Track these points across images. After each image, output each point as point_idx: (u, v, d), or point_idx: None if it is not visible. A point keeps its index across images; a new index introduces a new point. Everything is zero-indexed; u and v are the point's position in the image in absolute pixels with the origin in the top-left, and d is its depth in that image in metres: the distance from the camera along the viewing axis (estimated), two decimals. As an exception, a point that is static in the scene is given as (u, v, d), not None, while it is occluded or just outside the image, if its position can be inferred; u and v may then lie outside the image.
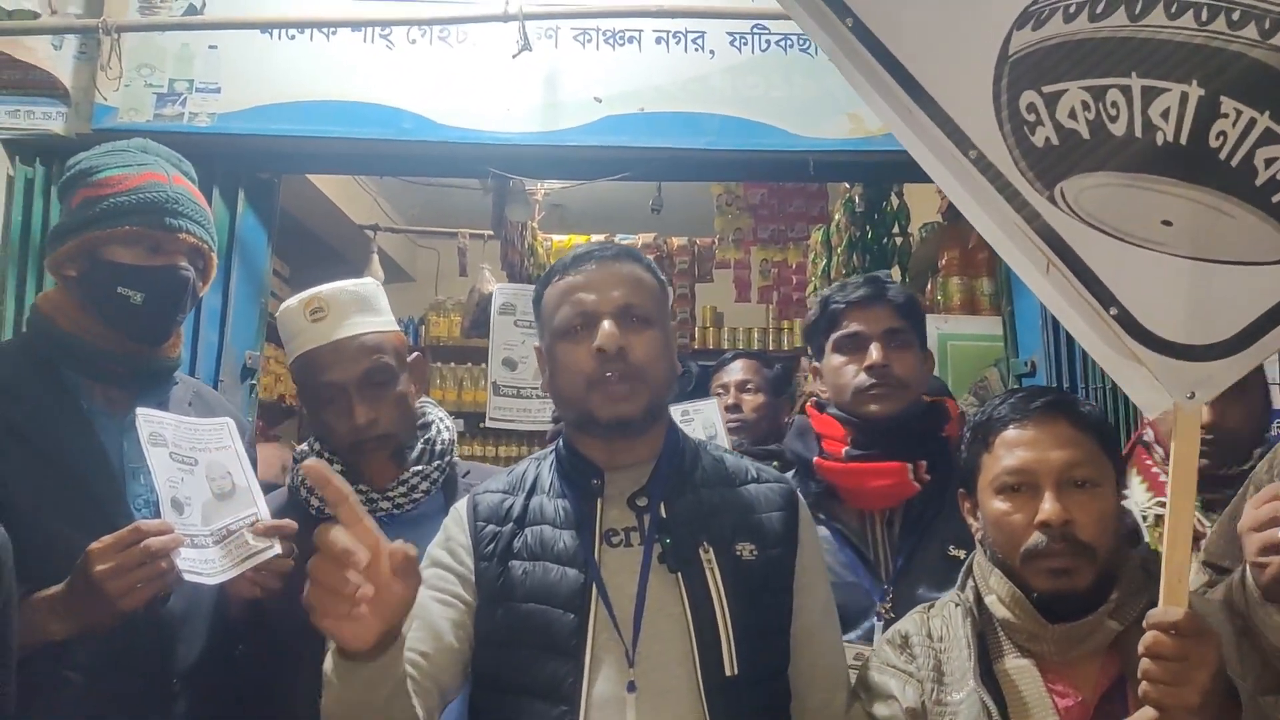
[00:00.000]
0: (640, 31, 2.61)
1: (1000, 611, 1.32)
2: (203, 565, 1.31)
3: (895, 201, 4.16)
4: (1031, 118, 1.10)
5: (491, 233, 5.13)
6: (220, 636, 1.48)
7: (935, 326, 3.31)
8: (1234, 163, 1.07)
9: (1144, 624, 1.10)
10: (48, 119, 2.50)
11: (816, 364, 1.86)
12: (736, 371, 2.92)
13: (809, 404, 1.93)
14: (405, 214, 6.24)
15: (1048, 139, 1.10)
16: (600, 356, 1.30)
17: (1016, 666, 1.29)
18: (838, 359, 1.77)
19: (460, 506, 1.41)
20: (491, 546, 1.33)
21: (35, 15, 2.45)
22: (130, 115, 2.48)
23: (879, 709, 1.34)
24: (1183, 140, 1.07)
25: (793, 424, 2.01)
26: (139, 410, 1.37)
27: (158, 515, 1.33)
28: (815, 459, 1.75)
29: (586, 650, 1.24)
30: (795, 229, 4.87)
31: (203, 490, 1.39)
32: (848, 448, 1.73)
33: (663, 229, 5.52)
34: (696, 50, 2.61)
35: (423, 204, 5.87)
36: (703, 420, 2.41)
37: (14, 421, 1.40)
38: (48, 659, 1.29)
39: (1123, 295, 1.12)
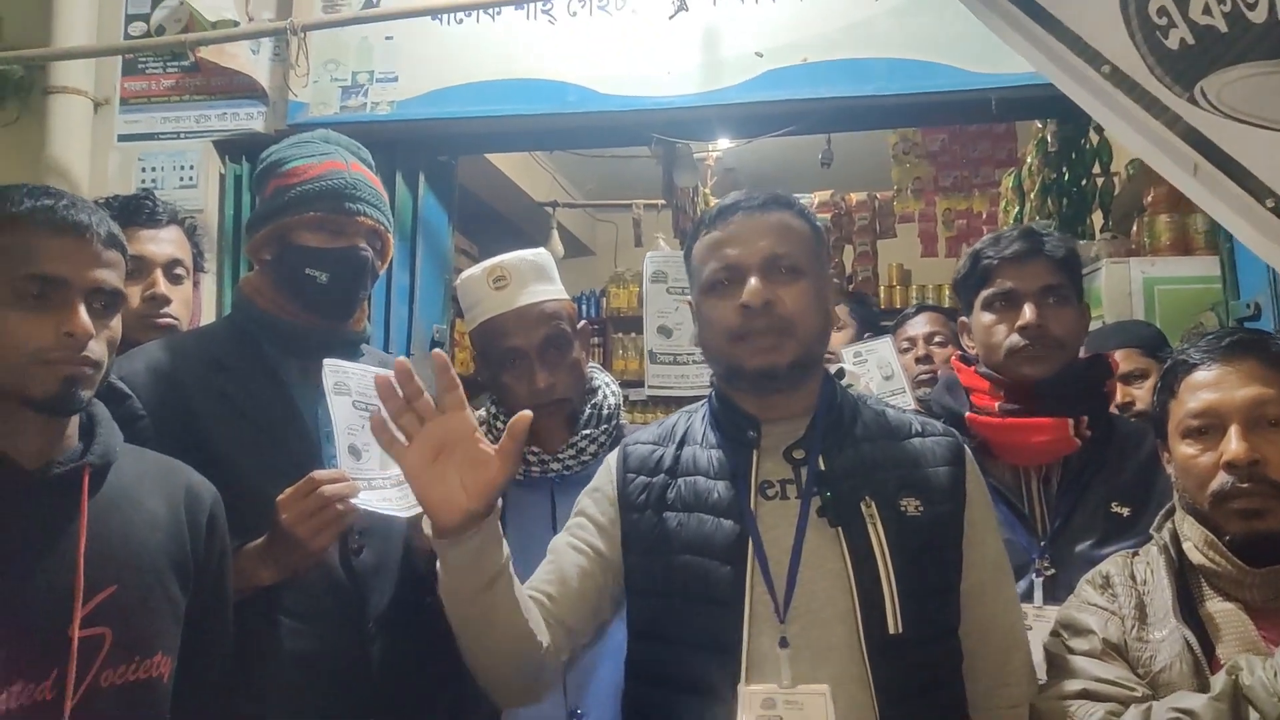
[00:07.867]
0: (800, -22, 2.53)
1: (1197, 557, 1.27)
2: (383, 504, 1.39)
3: (1095, 138, 3.79)
4: (1163, 21, 1.12)
5: (665, 202, 5.16)
6: (409, 587, 1.58)
7: (1140, 270, 3.06)
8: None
9: None
10: (250, 119, 2.73)
11: (965, 319, 1.79)
12: (923, 324, 2.83)
13: (953, 358, 1.88)
14: (582, 189, 6.38)
15: (1182, 40, 1.11)
16: (746, 312, 1.28)
17: (1222, 609, 1.24)
18: (988, 317, 1.70)
19: (611, 457, 1.43)
20: (644, 497, 1.34)
21: (236, 23, 2.67)
22: (319, 109, 2.66)
23: (1077, 643, 1.31)
24: None
25: (939, 379, 1.94)
26: (326, 361, 1.47)
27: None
28: (967, 414, 1.69)
29: (745, 602, 1.23)
30: (980, 174, 4.57)
31: None
32: (1001, 403, 1.66)
33: (840, 185, 5.34)
34: (859, -8, 2.50)
35: (599, 178, 5.98)
36: (877, 360, 2.33)
37: (226, 391, 1.55)
38: (261, 604, 1.42)
39: (1278, 185, 1.10)
